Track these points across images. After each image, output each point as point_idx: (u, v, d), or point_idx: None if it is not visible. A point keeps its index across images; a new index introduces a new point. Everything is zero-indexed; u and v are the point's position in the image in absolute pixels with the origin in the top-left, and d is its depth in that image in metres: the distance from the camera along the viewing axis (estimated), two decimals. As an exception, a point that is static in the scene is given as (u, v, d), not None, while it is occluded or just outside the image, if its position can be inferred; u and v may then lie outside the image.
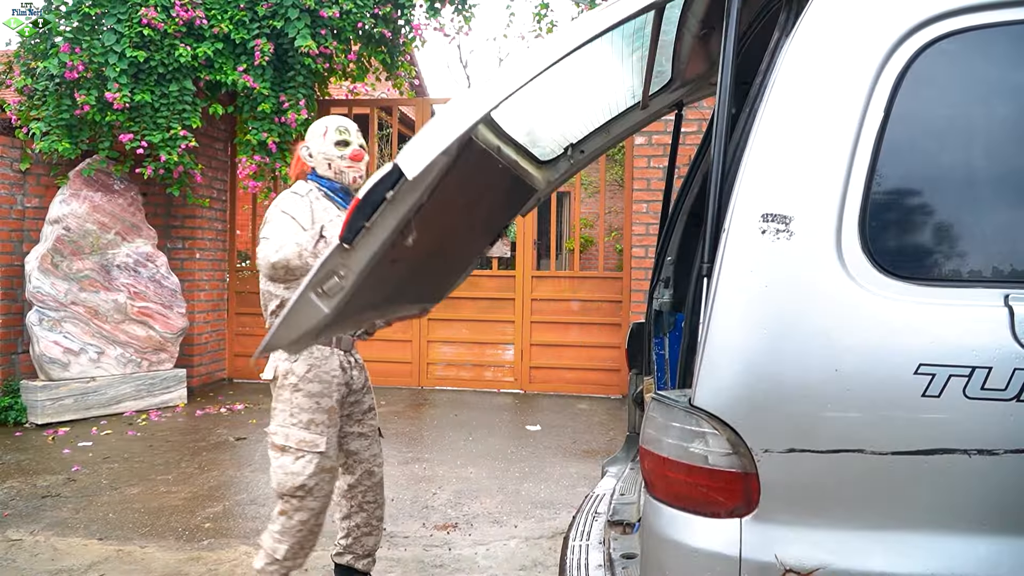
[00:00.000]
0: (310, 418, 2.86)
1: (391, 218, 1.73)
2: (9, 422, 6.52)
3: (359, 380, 3.10)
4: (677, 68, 2.85)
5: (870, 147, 1.41)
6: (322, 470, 2.86)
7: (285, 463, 2.85)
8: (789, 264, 1.39)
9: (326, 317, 1.86)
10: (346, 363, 3.02)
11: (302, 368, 2.87)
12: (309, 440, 2.84)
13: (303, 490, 2.83)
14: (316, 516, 2.89)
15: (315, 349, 2.90)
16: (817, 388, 1.36)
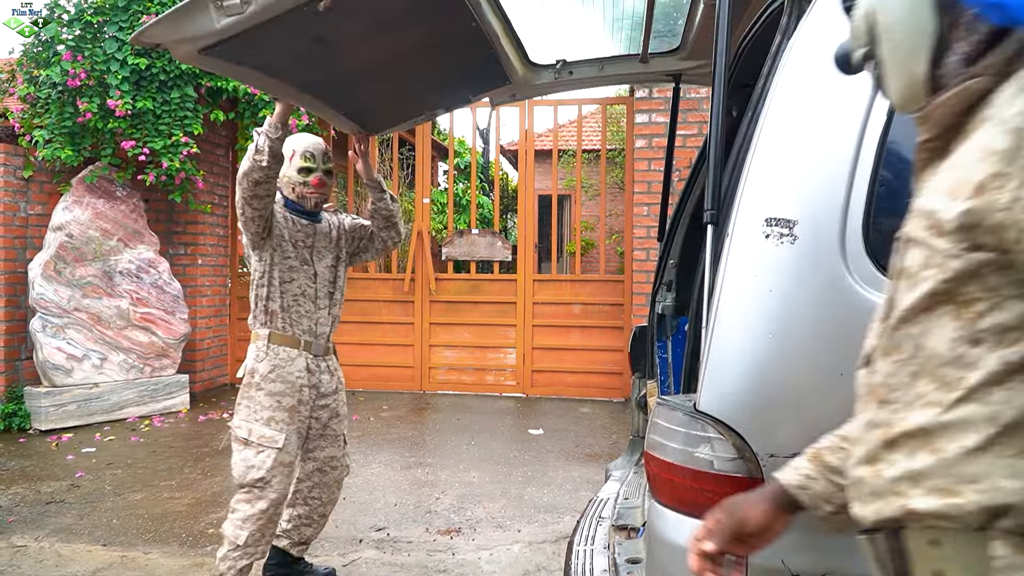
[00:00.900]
0: (270, 415, 3.03)
1: None
2: (13, 428, 6.52)
3: (329, 385, 3.23)
4: (686, 36, 2.86)
5: (873, 150, 1.41)
6: (280, 464, 3.02)
7: (247, 456, 3.02)
8: (793, 268, 1.39)
9: (213, 33, 1.92)
10: (314, 366, 3.15)
11: (266, 368, 3.05)
12: (269, 436, 3.01)
13: (262, 482, 3.00)
14: (275, 506, 3.04)
15: (281, 351, 3.07)
16: (822, 392, 1.36)
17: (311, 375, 3.13)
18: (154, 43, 2.08)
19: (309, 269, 3.14)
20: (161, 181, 6.95)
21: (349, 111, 3.00)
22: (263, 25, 1.95)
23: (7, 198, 6.67)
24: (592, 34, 3.06)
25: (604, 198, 8.54)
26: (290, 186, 3.11)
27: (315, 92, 2.72)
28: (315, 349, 3.14)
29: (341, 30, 2.16)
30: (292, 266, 3.08)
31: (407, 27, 2.35)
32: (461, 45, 2.63)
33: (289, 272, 3.07)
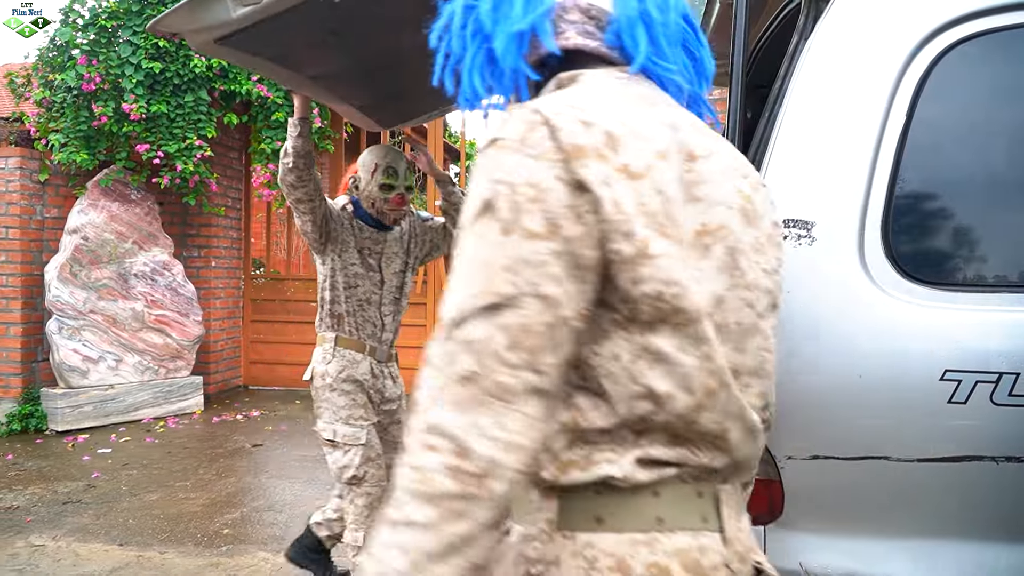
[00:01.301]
0: (348, 413, 3.05)
1: None
2: (30, 429, 6.56)
3: (393, 391, 3.25)
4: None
5: (892, 151, 1.40)
6: (368, 459, 3.04)
7: (337, 457, 3.05)
8: (811, 270, 1.38)
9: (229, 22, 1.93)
10: (378, 371, 3.18)
11: (335, 369, 3.08)
12: (351, 434, 3.04)
13: (356, 479, 3.03)
14: (376, 500, 3.06)
15: (347, 353, 3.10)
16: (841, 395, 1.35)
17: (375, 379, 3.15)
18: (171, 32, 2.10)
19: (375, 276, 3.15)
20: (175, 184, 6.99)
21: (362, 105, 3.00)
22: (279, 15, 1.96)
23: (23, 201, 6.72)
24: None
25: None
26: (369, 200, 3.10)
27: (329, 85, 2.73)
28: (379, 355, 3.18)
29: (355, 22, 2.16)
30: (357, 272, 3.10)
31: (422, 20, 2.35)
32: None
33: (354, 278, 3.10)
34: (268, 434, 6.48)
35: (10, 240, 6.68)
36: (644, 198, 0.88)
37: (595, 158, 0.87)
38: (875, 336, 1.36)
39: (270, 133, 7.24)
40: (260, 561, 3.84)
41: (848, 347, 1.36)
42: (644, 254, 0.87)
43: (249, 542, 4.10)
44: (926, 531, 1.38)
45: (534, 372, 0.85)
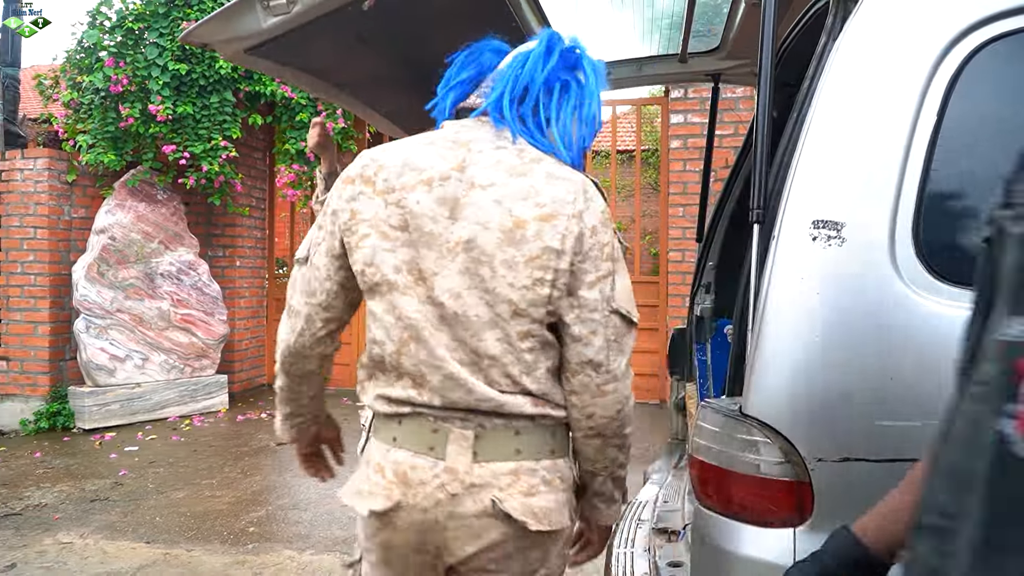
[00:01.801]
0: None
1: None
2: (58, 427, 6.65)
3: None
4: (726, 35, 2.85)
5: (923, 151, 1.39)
6: None
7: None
8: (841, 270, 1.37)
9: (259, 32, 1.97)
10: None
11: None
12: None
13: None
14: None
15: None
16: (871, 396, 1.34)
17: None
18: (202, 43, 2.12)
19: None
20: (201, 184, 7.06)
21: (387, 111, 3.02)
22: (308, 25, 1.98)
23: (51, 202, 6.80)
24: (629, 35, 3.05)
25: (639, 198, 8.50)
26: None
27: (355, 92, 2.75)
28: None
29: (383, 30, 2.18)
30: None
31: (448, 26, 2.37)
32: None
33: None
34: (292, 433, 6.51)
35: (38, 240, 6.77)
36: (378, 208, 1.38)
37: (356, 182, 1.43)
38: (906, 337, 1.35)
39: (294, 134, 7.29)
40: (286, 559, 3.87)
41: (878, 348, 1.35)
42: (358, 245, 1.39)
43: (275, 540, 4.13)
44: (957, 534, 1.37)
45: (298, 302, 1.49)
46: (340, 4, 1.91)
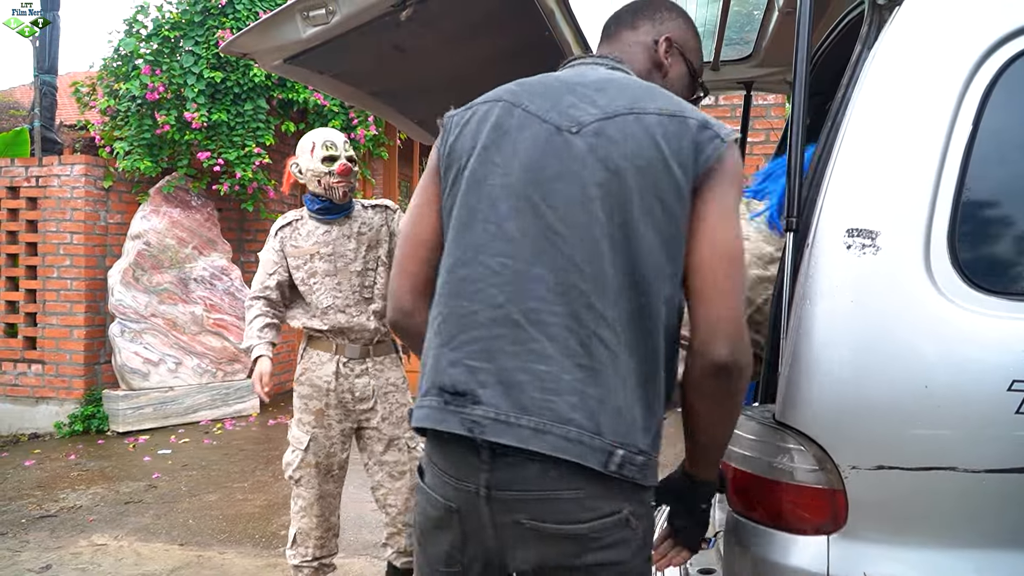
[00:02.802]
0: (299, 417, 3.16)
1: None
2: (92, 430, 6.75)
3: (365, 389, 3.15)
4: (759, 43, 2.85)
5: (958, 160, 1.39)
6: (306, 465, 3.11)
7: (286, 454, 3.18)
8: (876, 279, 1.38)
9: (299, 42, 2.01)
10: (346, 371, 3.13)
11: (299, 371, 3.19)
12: (296, 436, 3.15)
13: (292, 480, 3.14)
14: (311, 506, 3.12)
15: (314, 354, 3.15)
16: (906, 405, 1.34)
17: (343, 379, 3.11)
18: (242, 53, 2.17)
19: (332, 279, 3.10)
20: (234, 191, 7.13)
21: (421, 119, 3.05)
22: (346, 35, 2.02)
23: (88, 207, 6.92)
24: None
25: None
26: (315, 179, 3.06)
27: (390, 100, 2.79)
28: (349, 352, 3.13)
29: (419, 39, 2.22)
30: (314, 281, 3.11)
31: (483, 37, 2.40)
32: (533, 54, 2.66)
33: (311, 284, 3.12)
34: (322, 437, 6.58)
35: (75, 245, 6.89)
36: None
37: None
38: (941, 346, 1.35)
39: (325, 141, 7.37)
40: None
41: (914, 357, 1.35)
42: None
43: (305, 543, 4.17)
44: (992, 542, 1.36)
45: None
46: (378, 14, 1.95)
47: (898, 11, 1.49)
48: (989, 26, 1.42)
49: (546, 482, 1.29)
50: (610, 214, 1.31)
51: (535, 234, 1.34)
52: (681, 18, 1.70)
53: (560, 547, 1.32)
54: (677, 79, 1.67)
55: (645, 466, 1.31)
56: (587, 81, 1.46)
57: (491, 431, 1.29)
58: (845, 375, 1.38)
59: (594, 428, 1.27)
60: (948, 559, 1.37)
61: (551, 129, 1.39)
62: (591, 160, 1.34)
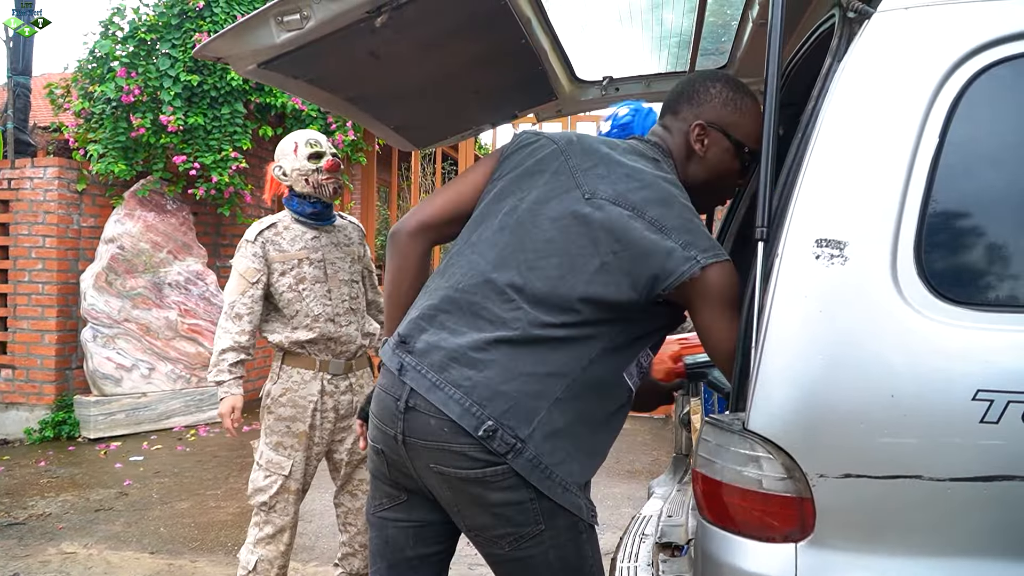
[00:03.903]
0: (279, 440, 2.97)
1: None
2: (63, 436, 6.67)
3: (349, 406, 3.08)
4: (734, 53, 2.87)
5: (925, 172, 1.41)
6: (285, 491, 2.96)
7: (257, 477, 2.99)
8: (844, 289, 1.39)
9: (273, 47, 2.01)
10: (331, 388, 3.03)
11: (277, 391, 2.98)
12: (276, 461, 2.96)
13: (266, 506, 2.95)
14: (282, 532, 2.98)
15: (295, 372, 2.98)
16: (873, 413, 1.36)
17: (327, 398, 3.01)
18: (215, 57, 2.15)
19: (322, 286, 3.00)
20: (210, 195, 7.10)
21: (397, 125, 3.05)
22: (321, 40, 2.02)
23: (61, 211, 6.85)
24: (638, 52, 3.08)
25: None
26: (302, 178, 2.96)
27: (365, 106, 2.78)
28: (333, 368, 3.03)
29: (395, 45, 2.22)
30: (303, 288, 2.97)
31: (459, 44, 2.40)
32: (510, 62, 2.67)
33: (299, 290, 2.97)
34: (297, 444, 6.53)
35: (47, 249, 6.81)
36: None
37: None
38: (907, 356, 1.36)
39: (303, 146, 7.35)
40: (290, 571, 3.87)
41: (881, 366, 1.37)
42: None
43: (278, 551, 4.13)
44: (958, 550, 1.38)
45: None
46: (353, 21, 1.94)
47: (867, 25, 1.51)
48: (956, 41, 1.44)
49: (441, 435, 1.56)
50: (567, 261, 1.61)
51: (507, 249, 1.65)
52: (726, 93, 1.85)
53: (467, 488, 1.59)
54: (716, 158, 1.83)
55: (518, 451, 1.54)
56: (624, 162, 1.71)
57: (408, 376, 1.61)
58: (813, 384, 1.39)
59: (477, 399, 1.54)
60: (915, 567, 1.39)
61: (572, 185, 1.67)
62: (583, 220, 1.63)
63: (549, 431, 1.57)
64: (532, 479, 1.55)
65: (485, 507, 1.60)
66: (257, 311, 2.95)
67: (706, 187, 1.84)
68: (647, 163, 1.74)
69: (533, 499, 1.58)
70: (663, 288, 1.57)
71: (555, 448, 1.58)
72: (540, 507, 1.59)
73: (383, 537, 1.83)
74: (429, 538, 1.80)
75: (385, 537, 1.82)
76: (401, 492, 1.76)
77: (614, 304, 1.60)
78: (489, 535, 1.65)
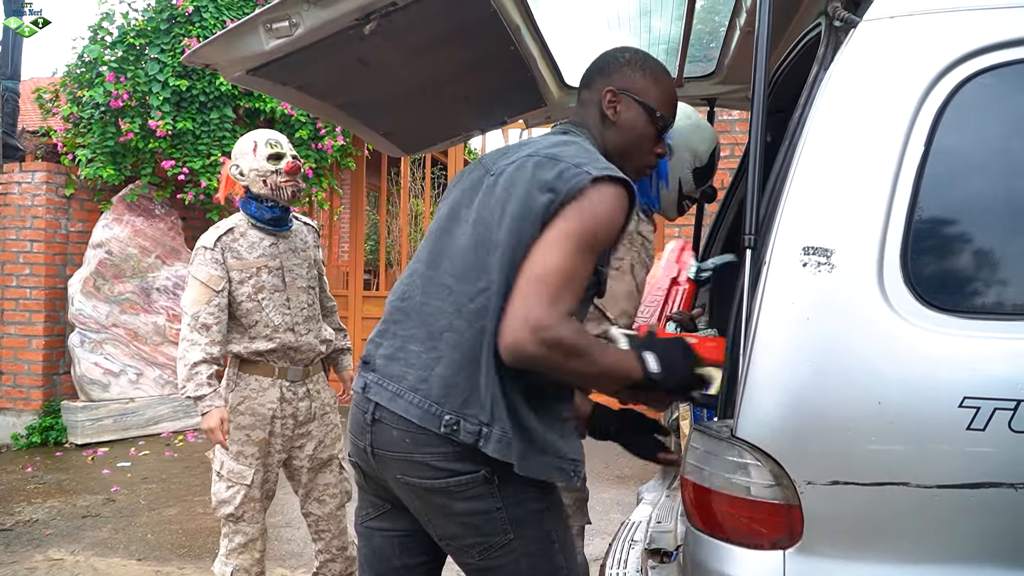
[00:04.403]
0: (239, 449, 2.89)
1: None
2: (50, 442, 6.64)
3: (307, 412, 3.04)
4: (722, 61, 2.88)
5: (911, 181, 1.42)
6: (251, 500, 2.91)
7: (219, 489, 2.92)
8: (831, 297, 1.40)
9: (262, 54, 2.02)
10: (290, 395, 2.98)
11: (235, 399, 2.91)
12: (237, 471, 2.89)
13: (233, 517, 2.90)
14: (252, 540, 2.94)
15: (252, 380, 2.92)
16: (860, 420, 1.36)
17: (286, 405, 2.96)
18: (205, 63, 2.14)
19: (281, 295, 2.94)
20: (199, 200, 7.07)
21: (387, 131, 3.05)
22: (310, 47, 2.02)
23: (49, 215, 6.82)
24: None
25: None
26: (260, 179, 2.87)
27: (355, 112, 2.78)
28: (292, 375, 2.98)
29: (384, 52, 2.22)
30: (262, 297, 2.91)
31: (448, 51, 2.41)
32: (499, 68, 2.67)
33: (259, 300, 2.91)
34: (285, 449, 6.51)
35: (35, 254, 6.78)
36: None
37: None
38: (894, 363, 1.37)
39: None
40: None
41: (868, 374, 1.37)
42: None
43: (267, 558, 4.11)
44: (945, 557, 1.38)
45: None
46: (342, 28, 1.94)
47: (853, 33, 1.52)
48: (941, 50, 1.46)
49: (404, 445, 1.59)
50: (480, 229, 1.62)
51: (436, 246, 1.71)
52: (635, 62, 1.87)
53: (432, 498, 1.61)
54: (630, 123, 1.84)
55: (486, 437, 1.54)
56: (530, 140, 1.78)
57: (372, 391, 1.65)
58: (801, 391, 1.39)
59: (434, 398, 1.56)
60: (903, 574, 1.39)
61: (483, 173, 1.73)
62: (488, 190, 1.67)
63: (507, 405, 1.55)
64: (511, 458, 1.54)
65: (451, 516, 1.62)
66: (224, 320, 2.86)
67: (625, 153, 1.84)
68: (555, 135, 1.81)
69: (500, 508, 1.59)
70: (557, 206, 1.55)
71: (520, 422, 1.56)
72: (508, 516, 1.60)
73: (371, 547, 1.83)
74: (414, 548, 1.80)
75: (372, 547, 1.83)
76: (384, 502, 1.78)
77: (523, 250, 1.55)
78: (459, 544, 1.66)
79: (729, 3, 2.50)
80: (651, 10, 2.65)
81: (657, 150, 1.88)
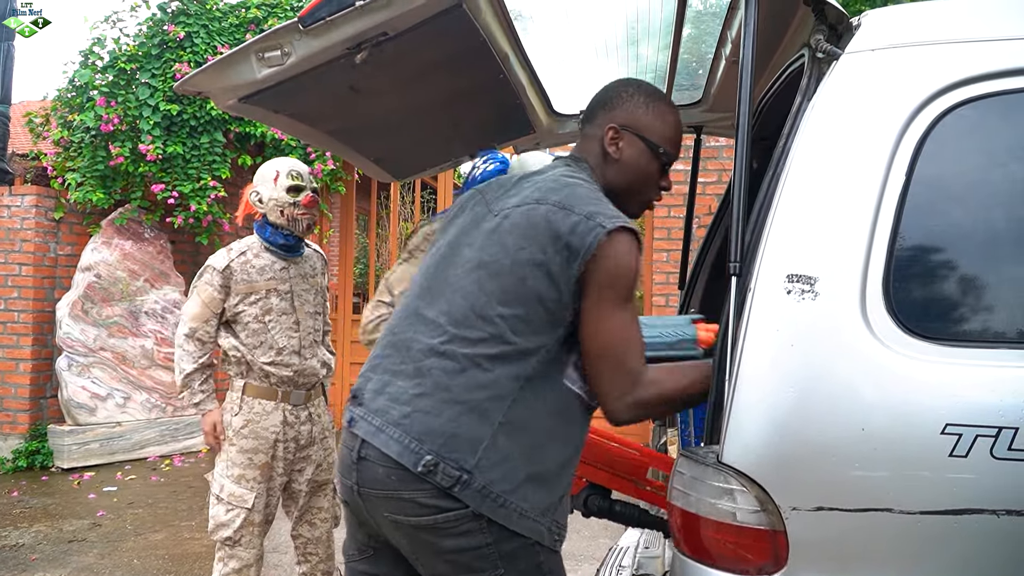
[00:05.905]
0: (240, 473, 2.91)
1: (351, 26, 1.86)
2: (36, 466, 6.58)
3: (309, 436, 3.07)
4: (708, 89, 2.92)
5: (893, 210, 1.44)
6: (250, 524, 2.91)
7: (218, 512, 2.92)
8: (814, 324, 1.42)
9: (254, 82, 2.03)
10: (293, 418, 3.01)
11: (239, 422, 2.93)
12: (238, 495, 2.90)
13: (231, 541, 2.90)
14: (247, 567, 2.93)
15: (256, 404, 2.95)
16: (844, 447, 1.38)
17: (289, 428, 2.99)
18: (197, 91, 2.16)
19: (289, 318, 3.00)
20: (189, 224, 7.07)
21: (377, 157, 3.07)
22: (302, 75, 2.04)
23: (38, 239, 6.81)
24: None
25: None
26: (278, 209, 2.93)
27: (345, 138, 2.80)
28: (295, 399, 3.01)
29: (375, 80, 2.24)
30: (269, 319, 2.96)
31: (438, 79, 2.44)
32: (489, 96, 2.70)
33: (265, 322, 2.96)
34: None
35: (23, 277, 6.76)
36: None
37: None
38: (877, 390, 1.39)
39: (283, 175, 7.34)
40: (264, 603, 3.82)
41: (851, 400, 1.39)
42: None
43: (253, 583, 4.08)
44: (929, 583, 1.39)
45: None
46: (333, 57, 1.97)
47: (836, 65, 1.55)
48: (921, 82, 1.49)
49: (389, 483, 1.56)
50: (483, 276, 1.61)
51: (433, 282, 1.70)
52: (638, 96, 1.83)
53: (420, 535, 1.58)
54: (633, 160, 1.80)
55: (464, 483, 1.51)
56: (532, 177, 1.76)
57: (357, 426, 1.63)
58: (786, 417, 1.41)
59: (415, 435, 1.54)
60: (887, 599, 1.40)
61: (486, 212, 1.72)
62: (493, 232, 1.66)
63: (498, 458, 1.53)
64: (483, 509, 1.51)
65: (440, 554, 1.58)
66: (216, 337, 3.00)
67: (627, 191, 1.81)
68: (557, 170, 1.77)
69: (490, 544, 1.55)
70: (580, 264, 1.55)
71: (507, 474, 1.53)
72: (499, 551, 1.56)
73: None
74: None
75: None
76: (368, 548, 1.75)
77: (533, 302, 1.57)
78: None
79: (715, 33, 2.54)
80: (639, 39, 2.69)
81: (661, 184, 1.86)
